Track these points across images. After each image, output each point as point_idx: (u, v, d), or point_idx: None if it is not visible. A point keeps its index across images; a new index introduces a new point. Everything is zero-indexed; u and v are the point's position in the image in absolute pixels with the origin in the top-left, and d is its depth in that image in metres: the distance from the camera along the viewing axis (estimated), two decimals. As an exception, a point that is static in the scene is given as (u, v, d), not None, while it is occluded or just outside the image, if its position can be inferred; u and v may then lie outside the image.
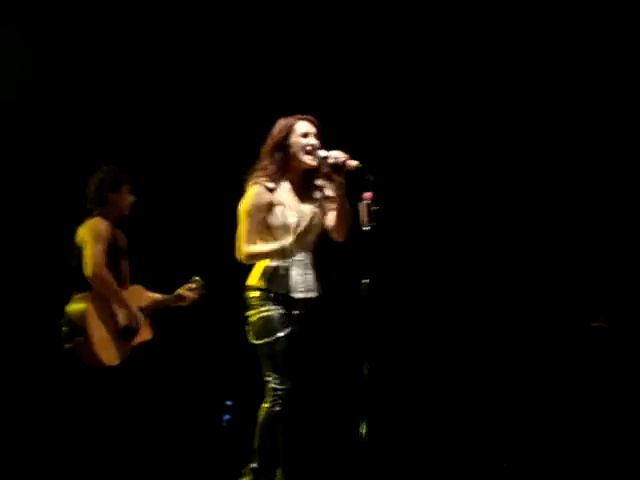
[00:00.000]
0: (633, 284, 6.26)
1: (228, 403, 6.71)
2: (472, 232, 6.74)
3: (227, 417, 6.70)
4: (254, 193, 4.49)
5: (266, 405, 4.37)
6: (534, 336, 6.43)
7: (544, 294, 6.53)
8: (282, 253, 4.42)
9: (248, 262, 4.48)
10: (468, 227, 6.76)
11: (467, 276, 6.74)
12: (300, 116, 4.59)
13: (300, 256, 4.51)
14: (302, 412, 4.48)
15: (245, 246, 4.44)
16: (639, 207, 6.37)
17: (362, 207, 4.25)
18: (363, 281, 4.21)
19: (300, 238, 4.43)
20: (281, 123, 4.57)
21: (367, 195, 4.25)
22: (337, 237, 4.59)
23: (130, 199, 5.61)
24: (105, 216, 5.54)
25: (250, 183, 4.53)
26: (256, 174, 4.53)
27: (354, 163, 4.36)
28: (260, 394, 4.41)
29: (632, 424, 5.83)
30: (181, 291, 5.71)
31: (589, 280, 6.35)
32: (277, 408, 4.34)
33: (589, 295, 6.29)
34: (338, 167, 4.39)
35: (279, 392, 4.34)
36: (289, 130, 4.53)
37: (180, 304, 5.72)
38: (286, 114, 4.63)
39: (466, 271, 6.74)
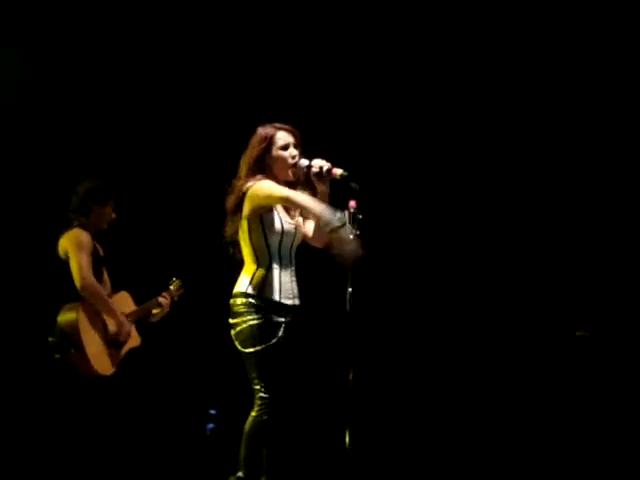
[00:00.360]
0: (616, 293, 6.27)
1: (212, 412, 6.69)
2: (457, 241, 6.74)
3: (211, 426, 6.67)
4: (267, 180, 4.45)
5: (254, 414, 4.33)
6: (519, 344, 6.43)
7: (529, 302, 6.54)
8: (330, 221, 4.26)
9: (290, 203, 4.38)
10: (453, 236, 6.77)
11: (452, 284, 6.74)
12: (278, 125, 4.53)
13: (287, 262, 4.48)
14: (287, 421, 4.46)
15: (286, 191, 4.36)
16: (623, 217, 6.39)
17: (346, 215, 4.23)
18: (348, 290, 4.20)
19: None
20: (260, 134, 4.51)
21: (352, 203, 4.23)
22: (317, 244, 4.58)
23: (112, 216, 5.62)
24: (85, 227, 5.53)
25: (251, 182, 4.43)
26: (240, 183, 4.47)
27: (339, 171, 4.35)
28: (245, 403, 4.39)
29: (616, 431, 5.84)
30: (160, 298, 5.72)
31: (573, 288, 6.36)
32: (265, 417, 4.31)
33: (573, 303, 6.30)
34: (322, 175, 4.38)
35: (267, 401, 4.31)
36: (269, 142, 4.47)
37: (157, 315, 5.73)
38: (269, 119, 4.57)
39: (451, 279, 6.75)
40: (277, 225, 4.44)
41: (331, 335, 5.44)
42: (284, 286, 4.43)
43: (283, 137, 4.50)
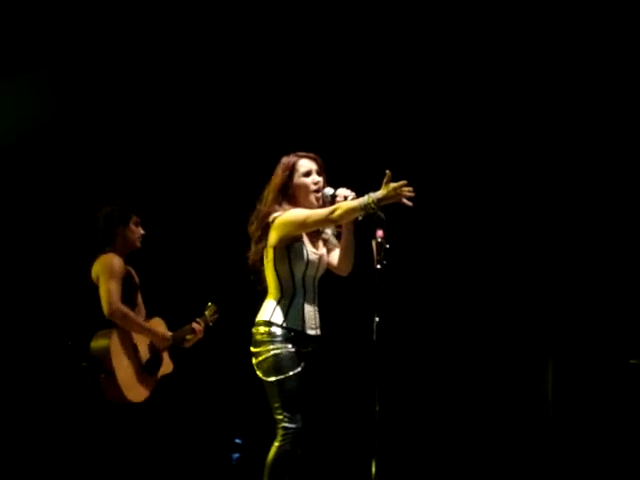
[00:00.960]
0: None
1: (238, 441, 6.67)
2: (482, 271, 6.73)
3: (237, 455, 6.65)
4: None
5: (277, 444, 4.31)
6: (542, 374, 6.40)
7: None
8: (365, 207, 4.21)
9: (339, 220, 4.30)
10: (476, 268, 6.75)
11: (477, 315, 6.72)
12: (301, 154, 4.55)
13: (311, 293, 4.48)
14: (310, 451, 4.44)
15: (325, 211, 4.30)
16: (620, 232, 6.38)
17: (374, 245, 4.23)
18: (375, 319, 4.19)
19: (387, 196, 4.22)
20: (283, 163, 4.53)
21: (379, 233, 4.21)
22: (342, 273, 4.58)
23: (139, 232, 5.62)
24: (116, 251, 5.55)
25: (276, 213, 4.44)
26: (264, 212, 4.48)
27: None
28: (270, 432, 4.37)
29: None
30: (194, 324, 5.72)
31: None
32: (288, 447, 4.28)
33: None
34: None
35: (290, 431, 4.29)
36: (291, 170, 4.49)
37: (191, 341, 5.73)
38: (293, 147, 4.61)
39: (476, 310, 6.73)
40: (304, 255, 4.43)
41: (357, 364, 5.42)
42: (307, 316, 4.42)
43: (305, 164, 4.52)
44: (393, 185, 4.20)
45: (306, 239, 4.48)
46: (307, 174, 4.50)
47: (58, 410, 6.02)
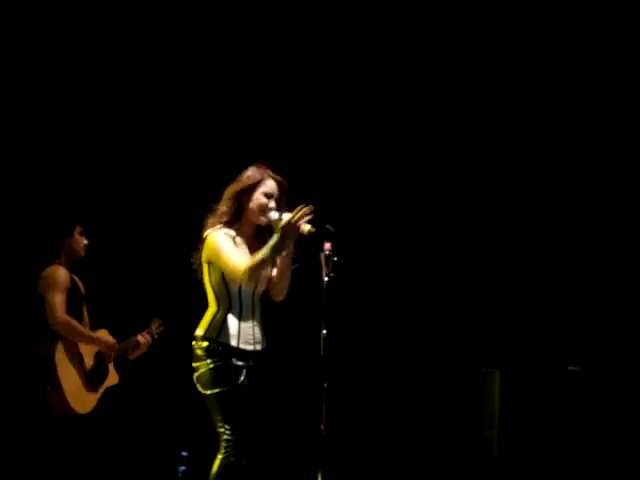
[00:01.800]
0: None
1: (184, 454, 6.64)
2: (424, 285, 6.77)
3: (183, 468, 6.62)
4: (223, 232, 4.42)
5: (220, 456, 4.30)
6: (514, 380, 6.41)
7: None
8: (278, 250, 4.29)
9: (252, 278, 4.31)
10: (422, 280, 6.79)
11: (430, 327, 6.76)
12: (272, 174, 4.54)
13: (249, 310, 4.46)
14: (255, 462, 4.44)
15: (240, 265, 4.30)
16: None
17: (322, 257, 4.24)
18: (323, 332, 4.20)
19: (285, 236, 4.28)
20: (251, 173, 4.52)
21: (327, 246, 4.24)
22: (275, 297, 4.57)
23: (83, 241, 5.62)
24: (62, 262, 5.54)
25: (210, 230, 4.46)
26: (212, 220, 4.48)
27: (307, 228, 4.30)
28: (215, 444, 4.37)
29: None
30: (139, 337, 5.71)
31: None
32: (231, 459, 4.28)
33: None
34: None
35: (232, 443, 4.29)
36: (256, 183, 4.48)
37: (135, 353, 5.72)
38: (245, 156, 4.63)
39: (429, 322, 6.76)
40: None
41: (304, 377, 5.43)
42: (243, 332, 4.41)
43: (271, 186, 4.50)
44: (282, 223, 4.26)
45: (241, 252, 4.45)
46: (267, 195, 4.48)
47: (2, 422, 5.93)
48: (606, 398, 6.02)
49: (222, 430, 4.31)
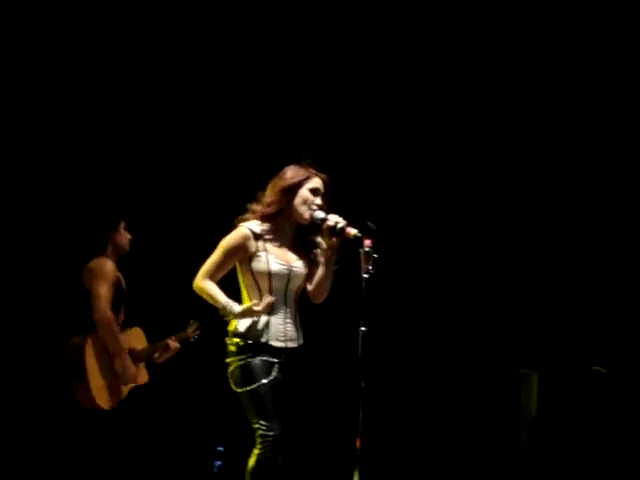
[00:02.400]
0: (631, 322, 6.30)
1: (220, 449, 6.64)
2: (470, 279, 6.74)
3: (218, 463, 6.62)
4: (239, 235, 4.45)
5: (256, 452, 4.30)
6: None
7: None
8: (221, 310, 4.38)
9: (196, 291, 4.47)
10: (466, 278, 6.77)
11: (465, 329, 6.73)
12: (316, 172, 4.57)
13: (280, 306, 4.45)
14: (291, 459, 4.43)
15: (201, 277, 4.44)
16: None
17: (362, 254, 4.23)
18: (361, 329, 4.19)
19: (241, 316, 4.38)
20: (296, 170, 4.54)
21: (367, 242, 4.25)
22: (313, 299, 4.59)
23: (128, 236, 5.62)
24: (109, 256, 5.54)
25: (241, 222, 4.50)
26: (251, 214, 4.51)
27: (353, 232, 4.36)
28: (251, 440, 4.36)
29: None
30: (169, 341, 5.71)
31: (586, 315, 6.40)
32: (267, 455, 4.27)
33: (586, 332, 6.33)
34: (335, 231, 4.41)
35: (268, 439, 4.28)
36: (303, 180, 4.50)
37: (162, 357, 5.71)
38: (283, 158, 4.63)
39: (464, 323, 6.73)
40: (266, 267, 4.42)
41: (342, 374, 5.40)
42: (273, 328, 4.40)
43: (317, 182, 4.53)
44: (247, 306, 4.33)
45: (274, 249, 4.48)
46: (314, 192, 4.51)
47: (30, 412, 5.94)
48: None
49: (257, 426, 4.31)
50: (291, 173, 4.52)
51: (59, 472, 5.53)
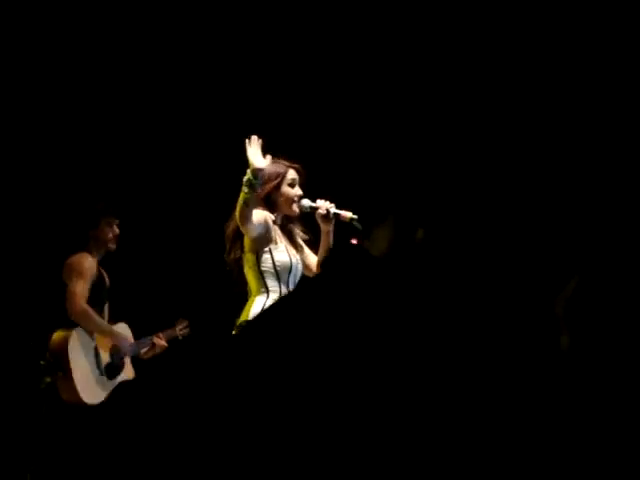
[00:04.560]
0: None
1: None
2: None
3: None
4: (265, 213, 4.51)
5: None
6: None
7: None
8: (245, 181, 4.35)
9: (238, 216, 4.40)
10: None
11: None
12: (288, 164, 4.62)
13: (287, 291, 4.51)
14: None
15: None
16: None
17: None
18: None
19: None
20: (271, 171, 4.57)
21: (353, 241, 4.26)
22: (311, 274, 4.66)
23: (114, 232, 5.58)
24: (90, 252, 5.53)
25: None
26: None
27: (348, 215, 4.45)
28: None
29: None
30: (155, 339, 5.70)
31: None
32: None
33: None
34: (329, 218, 4.50)
35: None
36: (280, 179, 4.57)
37: (148, 353, 5.70)
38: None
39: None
40: (285, 258, 4.50)
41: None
42: None
43: (292, 174, 4.59)
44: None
45: (284, 241, 4.55)
46: (292, 185, 4.58)
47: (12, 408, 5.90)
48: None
49: None
50: (266, 177, 4.53)
51: (46, 469, 5.47)
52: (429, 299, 4.83)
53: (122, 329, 5.65)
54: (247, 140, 4.37)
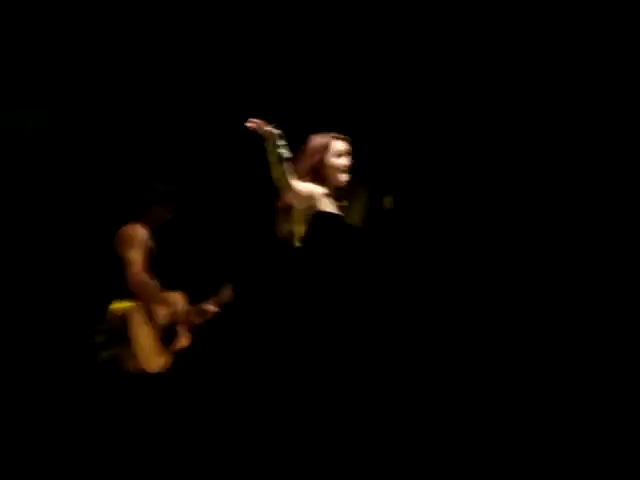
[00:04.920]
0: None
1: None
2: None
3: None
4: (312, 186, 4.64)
5: None
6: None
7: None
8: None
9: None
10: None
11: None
12: (335, 135, 4.72)
13: None
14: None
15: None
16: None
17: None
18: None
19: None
20: (316, 143, 4.70)
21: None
22: None
23: (167, 216, 5.69)
24: (142, 222, 5.60)
25: None
26: None
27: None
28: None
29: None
30: (206, 305, 5.80)
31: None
32: None
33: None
34: None
35: None
36: (325, 150, 4.69)
37: (199, 320, 5.79)
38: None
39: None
40: None
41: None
42: None
43: (339, 145, 4.71)
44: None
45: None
46: (339, 155, 4.69)
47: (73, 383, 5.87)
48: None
49: None
50: (311, 149, 4.68)
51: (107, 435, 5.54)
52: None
53: (176, 297, 5.72)
54: (249, 124, 4.39)
